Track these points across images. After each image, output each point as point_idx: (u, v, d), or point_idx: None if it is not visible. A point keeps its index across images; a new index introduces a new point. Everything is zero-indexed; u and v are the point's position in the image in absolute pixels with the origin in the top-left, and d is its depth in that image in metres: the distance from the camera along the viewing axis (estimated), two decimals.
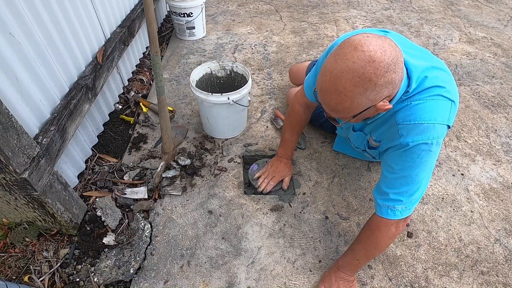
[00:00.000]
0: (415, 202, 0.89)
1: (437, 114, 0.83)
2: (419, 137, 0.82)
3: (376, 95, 0.75)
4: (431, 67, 0.87)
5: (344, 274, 1.01)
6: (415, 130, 0.83)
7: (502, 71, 2.06)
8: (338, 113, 0.82)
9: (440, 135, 0.83)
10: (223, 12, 2.73)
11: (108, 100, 1.59)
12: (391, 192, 0.89)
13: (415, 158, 0.84)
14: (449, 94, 0.85)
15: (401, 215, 0.89)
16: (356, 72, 0.70)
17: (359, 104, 0.76)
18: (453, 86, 0.89)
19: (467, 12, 2.78)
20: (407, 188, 0.87)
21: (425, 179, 0.87)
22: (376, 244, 0.94)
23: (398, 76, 0.75)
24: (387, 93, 0.77)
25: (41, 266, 1.07)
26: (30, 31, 0.99)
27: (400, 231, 0.93)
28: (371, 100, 0.76)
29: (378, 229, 0.93)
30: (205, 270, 1.09)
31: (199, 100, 1.40)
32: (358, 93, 0.73)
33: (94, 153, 1.43)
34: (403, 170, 0.87)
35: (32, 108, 0.99)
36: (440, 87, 0.84)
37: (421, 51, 0.96)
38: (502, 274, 1.09)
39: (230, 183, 1.36)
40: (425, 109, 0.83)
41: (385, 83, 0.73)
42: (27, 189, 0.93)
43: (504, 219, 1.26)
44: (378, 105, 0.78)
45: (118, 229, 1.18)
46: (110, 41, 1.52)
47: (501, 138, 1.59)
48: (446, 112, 0.84)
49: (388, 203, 0.90)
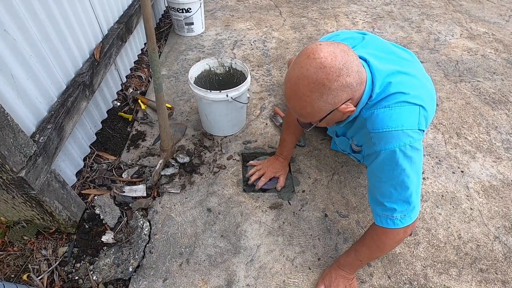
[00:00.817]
0: (413, 208, 0.87)
1: (404, 120, 0.83)
2: (389, 145, 0.83)
3: (334, 98, 0.79)
4: (396, 72, 0.88)
5: (344, 272, 1.02)
6: (384, 138, 0.84)
7: (503, 67, 2.05)
8: (305, 118, 0.87)
9: (412, 140, 0.83)
10: (222, 7, 2.70)
11: (106, 97, 1.58)
12: (385, 201, 0.88)
13: (394, 166, 0.84)
14: (415, 99, 0.85)
15: (401, 223, 0.87)
16: (310, 78, 0.76)
17: (320, 108, 0.80)
18: (421, 90, 0.88)
19: (469, 7, 2.75)
20: (398, 196, 0.86)
21: (414, 184, 0.86)
22: (382, 247, 0.94)
23: (353, 79, 0.78)
24: (346, 96, 0.80)
25: (39, 265, 1.07)
26: (26, 28, 0.97)
27: (408, 234, 0.93)
28: (331, 104, 0.80)
29: (384, 234, 0.92)
30: (204, 268, 1.09)
31: (197, 97, 1.39)
32: (316, 98, 0.78)
33: (92, 151, 1.42)
34: (389, 179, 0.86)
35: (28, 106, 0.98)
36: (403, 94, 0.84)
37: (393, 54, 0.97)
38: (501, 272, 1.09)
39: (229, 181, 1.36)
40: (391, 116, 0.83)
41: (340, 87, 0.77)
42: (24, 188, 0.92)
43: (503, 216, 1.25)
44: (341, 108, 0.81)
45: (117, 227, 1.18)
46: (107, 38, 1.50)
47: (502, 135, 1.59)
48: (415, 117, 0.84)
49: (386, 212, 0.89)
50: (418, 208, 0.89)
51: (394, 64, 0.91)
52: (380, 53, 0.94)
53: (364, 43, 1.00)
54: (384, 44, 1.01)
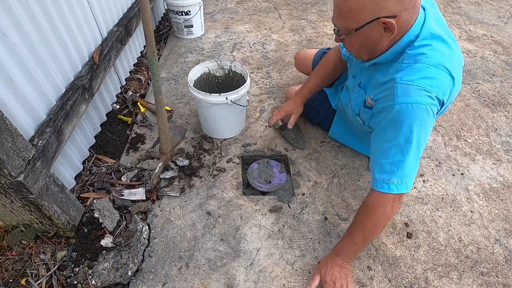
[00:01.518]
0: (410, 175, 0.86)
1: (440, 84, 0.81)
2: (413, 99, 0.80)
3: (381, 1, 0.74)
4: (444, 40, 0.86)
5: (341, 261, 1.00)
6: (412, 91, 0.81)
7: (503, 69, 2.05)
8: (343, 17, 0.82)
9: (433, 103, 0.81)
10: (222, 10, 2.70)
11: (105, 100, 1.57)
12: (386, 163, 0.87)
13: (409, 123, 0.81)
14: (452, 70, 0.83)
15: (397, 190, 0.86)
16: None
17: (364, 6, 0.76)
18: (457, 66, 0.87)
19: (467, 9, 2.76)
20: (401, 158, 0.85)
21: (420, 150, 0.84)
22: (373, 226, 0.93)
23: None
24: (393, 7, 0.75)
25: (38, 269, 1.06)
26: (25, 31, 0.97)
27: (396, 210, 0.91)
28: (376, 5, 0.75)
29: (375, 209, 0.91)
30: (203, 272, 1.08)
31: (197, 100, 1.39)
32: None
33: (91, 154, 1.42)
34: (396, 136, 0.84)
35: (27, 110, 0.98)
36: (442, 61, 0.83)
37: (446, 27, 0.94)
38: (502, 275, 1.09)
39: (229, 184, 1.35)
40: (426, 73, 0.81)
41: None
42: (22, 192, 0.92)
43: (504, 219, 1.25)
44: (383, 19, 0.77)
45: (116, 231, 1.17)
46: (107, 40, 1.50)
47: (501, 137, 1.58)
48: (447, 86, 0.83)
49: (384, 175, 0.87)
50: (412, 181, 0.88)
51: (446, 33, 0.89)
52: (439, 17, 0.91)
53: (431, 2, 0.95)
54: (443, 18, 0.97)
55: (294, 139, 1.51)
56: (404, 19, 0.80)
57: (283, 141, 1.54)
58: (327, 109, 1.45)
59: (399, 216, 1.25)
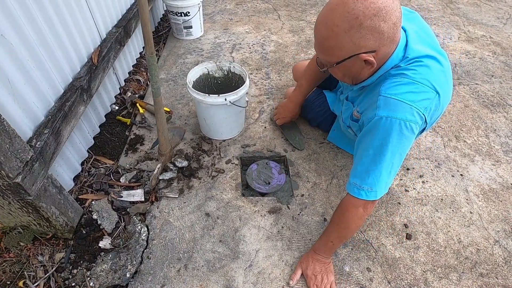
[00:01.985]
0: (381, 186, 0.88)
1: (419, 99, 0.82)
2: (392, 113, 0.81)
3: (360, 39, 0.77)
4: (430, 56, 0.87)
5: (320, 256, 1.05)
6: (391, 105, 0.82)
7: (501, 70, 2.05)
8: (324, 53, 0.86)
9: (414, 120, 0.82)
10: (221, 11, 2.70)
11: (104, 101, 1.57)
12: (360, 169, 0.89)
13: (385, 135, 0.83)
14: (437, 85, 0.84)
15: (366, 196, 0.89)
16: (348, 6, 0.74)
17: (343, 45, 0.79)
18: (443, 81, 0.88)
19: (466, 10, 2.76)
20: (373, 167, 0.86)
21: (393, 163, 0.86)
22: (346, 225, 0.95)
23: (387, 28, 0.76)
24: (372, 44, 0.78)
25: (36, 271, 1.05)
26: (23, 32, 0.97)
27: (369, 212, 0.94)
28: (354, 45, 0.78)
29: (347, 210, 0.94)
30: (202, 274, 1.08)
31: (196, 101, 1.39)
32: (343, 31, 0.76)
33: (90, 155, 1.41)
34: (373, 146, 0.86)
35: (25, 111, 0.97)
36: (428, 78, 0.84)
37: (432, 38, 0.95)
38: (502, 276, 1.08)
39: (228, 185, 1.35)
40: (409, 89, 0.82)
41: (371, 28, 0.75)
42: (20, 193, 0.91)
43: (503, 220, 1.25)
44: (362, 55, 0.80)
45: (114, 232, 1.17)
46: (105, 42, 1.50)
47: (501, 138, 1.58)
48: (428, 101, 0.83)
49: (356, 180, 0.90)
50: (385, 190, 0.90)
51: (431, 48, 0.89)
52: (421, 32, 0.92)
53: (411, 17, 0.98)
54: (426, 27, 0.99)
55: (294, 139, 1.52)
56: (384, 52, 0.82)
57: (282, 142, 1.54)
58: (326, 111, 1.45)
59: (399, 217, 1.25)
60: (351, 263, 1.11)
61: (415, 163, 1.45)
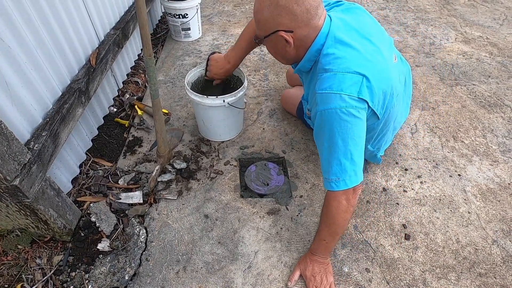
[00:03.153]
0: (348, 174, 0.91)
1: (345, 86, 0.89)
2: (327, 105, 0.90)
3: (277, 16, 0.90)
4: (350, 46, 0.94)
5: (317, 257, 1.05)
6: (324, 99, 0.91)
7: (498, 71, 2.07)
8: (256, 25, 0.99)
9: (349, 106, 0.88)
10: (219, 12, 2.71)
11: (102, 103, 1.57)
12: (324, 164, 0.95)
13: (329, 126, 0.90)
14: (360, 69, 0.90)
15: (337, 187, 0.92)
16: None
17: (266, 19, 0.92)
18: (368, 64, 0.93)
19: (463, 12, 2.78)
20: (331, 157, 0.92)
21: (349, 149, 0.90)
22: (332, 220, 0.97)
23: (299, 11, 0.88)
24: (287, 23, 0.90)
25: (34, 274, 1.05)
26: (20, 35, 0.97)
27: (353, 203, 0.95)
28: (273, 20, 0.91)
29: (329, 204, 0.97)
30: (201, 276, 1.08)
31: (194, 103, 1.39)
32: (266, 6, 0.90)
33: (88, 157, 1.41)
34: (325, 139, 0.92)
35: (23, 113, 0.97)
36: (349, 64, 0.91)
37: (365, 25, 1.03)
38: (500, 276, 1.09)
39: (227, 187, 1.35)
40: (334, 80, 0.90)
41: (284, 7, 0.87)
42: (18, 196, 0.91)
43: (501, 220, 1.25)
44: (281, 33, 0.92)
45: (113, 234, 1.17)
46: (104, 44, 1.50)
47: (498, 138, 1.59)
48: (356, 85, 0.89)
49: (324, 174, 0.96)
50: (355, 177, 0.92)
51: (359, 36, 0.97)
52: (353, 22, 1.01)
53: (348, 8, 1.08)
54: (362, 18, 1.07)
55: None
56: (301, 34, 0.93)
57: (281, 143, 1.54)
58: None
59: (397, 217, 1.25)
60: (350, 263, 1.11)
61: (413, 164, 1.46)
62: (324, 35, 0.95)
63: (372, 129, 1.11)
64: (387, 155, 1.48)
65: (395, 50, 1.13)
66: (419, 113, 1.73)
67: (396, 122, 1.21)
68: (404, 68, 1.22)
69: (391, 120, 1.14)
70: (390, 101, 1.03)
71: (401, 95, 1.14)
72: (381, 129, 1.15)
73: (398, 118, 1.22)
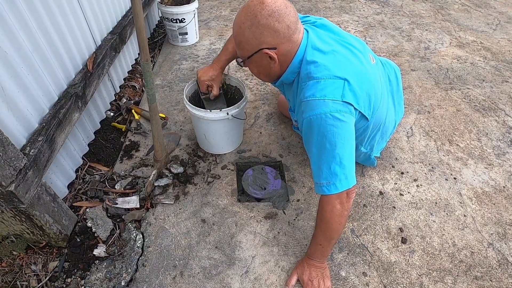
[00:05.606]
0: (338, 177, 0.92)
1: (328, 91, 0.92)
2: (312, 112, 0.92)
3: (260, 35, 0.92)
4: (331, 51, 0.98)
5: (314, 261, 1.05)
6: (309, 106, 0.93)
7: (492, 75, 2.09)
8: (238, 47, 1.01)
9: (333, 110, 0.90)
10: (216, 17, 2.72)
11: (99, 107, 1.57)
12: (314, 169, 0.96)
13: (316, 131, 0.92)
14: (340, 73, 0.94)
15: (328, 191, 0.93)
16: (249, 8, 0.92)
17: (248, 40, 0.95)
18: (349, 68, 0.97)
19: (457, 16, 2.82)
20: (321, 162, 0.93)
21: (337, 152, 0.91)
22: (327, 224, 0.97)
23: (281, 28, 0.91)
24: (270, 41, 0.93)
25: (29, 280, 1.04)
26: (17, 40, 0.97)
27: (347, 207, 0.95)
28: (256, 40, 0.93)
29: (323, 209, 0.97)
30: (198, 281, 1.07)
31: (195, 117, 1.35)
32: (247, 27, 0.93)
33: (84, 162, 1.41)
34: (314, 144, 0.94)
35: (19, 119, 0.97)
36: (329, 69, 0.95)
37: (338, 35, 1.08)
38: (496, 279, 1.09)
39: (224, 191, 1.35)
40: (317, 87, 0.93)
41: (266, 26, 0.90)
42: (13, 202, 0.90)
43: (496, 223, 1.26)
44: (265, 50, 0.95)
45: (109, 240, 1.16)
46: (100, 48, 1.50)
47: (492, 142, 1.61)
48: (338, 90, 0.93)
49: (315, 179, 0.97)
50: (346, 181, 0.93)
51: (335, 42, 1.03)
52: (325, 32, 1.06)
53: (318, 23, 1.12)
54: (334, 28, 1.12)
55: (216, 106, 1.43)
56: (284, 49, 0.96)
57: (278, 147, 1.54)
58: None
59: (394, 221, 1.26)
60: (347, 267, 1.11)
61: (409, 167, 1.47)
62: (304, 47, 0.99)
63: (363, 130, 1.13)
64: (383, 158, 1.49)
65: (370, 51, 1.17)
66: (414, 116, 1.75)
67: (387, 121, 1.22)
68: (386, 68, 1.26)
69: (381, 119, 1.16)
70: (376, 101, 1.06)
71: (386, 95, 1.17)
72: (371, 130, 1.17)
73: (389, 117, 1.24)
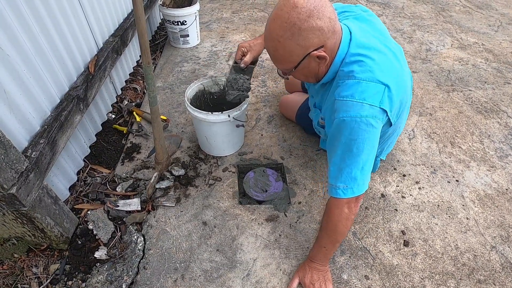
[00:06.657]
0: (356, 182, 0.90)
1: (368, 95, 0.87)
2: (347, 113, 0.88)
3: (304, 41, 0.84)
4: (374, 48, 0.92)
5: (316, 264, 1.04)
6: (345, 106, 0.88)
7: (494, 76, 2.09)
8: (279, 62, 0.93)
9: (369, 115, 0.86)
10: (217, 19, 2.73)
11: (100, 109, 1.57)
12: (333, 169, 0.93)
13: (347, 134, 0.88)
14: (383, 78, 0.88)
15: (344, 194, 0.91)
16: (283, 18, 0.82)
17: (292, 50, 0.86)
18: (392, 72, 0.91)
19: (458, 18, 2.82)
20: (344, 165, 0.90)
21: (361, 158, 0.89)
22: (333, 227, 0.96)
23: (324, 24, 0.83)
24: (317, 41, 0.85)
25: (30, 283, 1.04)
26: (19, 43, 0.97)
27: (354, 212, 0.95)
28: (302, 47, 0.85)
29: (331, 212, 0.96)
30: (199, 284, 1.07)
31: (197, 120, 1.35)
32: (287, 38, 0.83)
33: (86, 164, 1.41)
34: (339, 146, 0.91)
35: (21, 121, 0.97)
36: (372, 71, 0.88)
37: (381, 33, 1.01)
38: (499, 282, 1.08)
39: (225, 193, 1.35)
40: (357, 88, 0.88)
41: (310, 29, 0.82)
42: (15, 204, 0.90)
43: (499, 225, 1.25)
44: (313, 53, 0.86)
45: (110, 242, 1.16)
46: (102, 51, 1.51)
47: (495, 144, 1.60)
48: (378, 95, 0.88)
49: (331, 181, 0.94)
50: (363, 186, 0.92)
51: (378, 41, 0.95)
52: (368, 28, 0.99)
53: (361, 16, 1.05)
54: (375, 24, 1.04)
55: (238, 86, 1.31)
56: (331, 44, 0.89)
57: (279, 149, 1.54)
58: None
59: (396, 224, 1.25)
60: (349, 271, 1.11)
61: (411, 170, 1.46)
62: (347, 43, 0.92)
63: (382, 135, 1.10)
64: (386, 161, 1.49)
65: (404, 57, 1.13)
66: (416, 119, 1.74)
67: (402, 126, 1.23)
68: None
69: (399, 125, 1.15)
70: (403, 108, 1.03)
71: (409, 102, 1.15)
72: (389, 135, 1.16)
73: (404, 123, 1.25)
